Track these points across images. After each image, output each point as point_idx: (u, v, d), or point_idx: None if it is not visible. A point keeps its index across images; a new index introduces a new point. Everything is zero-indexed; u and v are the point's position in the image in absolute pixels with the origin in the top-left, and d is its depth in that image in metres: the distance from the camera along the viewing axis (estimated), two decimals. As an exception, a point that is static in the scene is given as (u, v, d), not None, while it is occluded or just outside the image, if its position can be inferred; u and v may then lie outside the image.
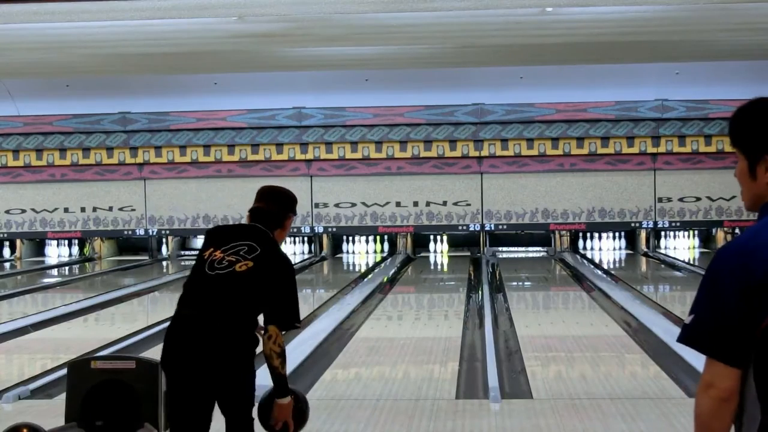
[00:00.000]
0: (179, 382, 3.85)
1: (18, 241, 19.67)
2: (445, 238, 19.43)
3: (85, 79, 17.63)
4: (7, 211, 19.24)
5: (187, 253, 19.85)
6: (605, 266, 16.55)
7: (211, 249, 3.87)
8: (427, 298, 12.64)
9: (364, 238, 19.12)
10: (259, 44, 12.23)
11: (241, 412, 3.82)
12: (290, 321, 3.85)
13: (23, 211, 19.25)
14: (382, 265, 16.51)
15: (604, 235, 19.13)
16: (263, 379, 6.72)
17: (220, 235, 3.95)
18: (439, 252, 19.38)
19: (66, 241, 19.87)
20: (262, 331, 3.79)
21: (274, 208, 3.98)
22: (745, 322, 2.08)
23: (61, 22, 11.26)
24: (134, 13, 11.09)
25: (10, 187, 19.19)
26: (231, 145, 18.57)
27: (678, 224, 18.52)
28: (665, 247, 18.90)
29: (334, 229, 18.56)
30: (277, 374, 3.82)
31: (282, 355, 3.79)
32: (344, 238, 19.27)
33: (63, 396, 4.88)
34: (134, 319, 11.11)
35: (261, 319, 3.88)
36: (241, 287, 3.76)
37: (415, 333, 9.35)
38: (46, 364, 7.84)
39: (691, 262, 17.03)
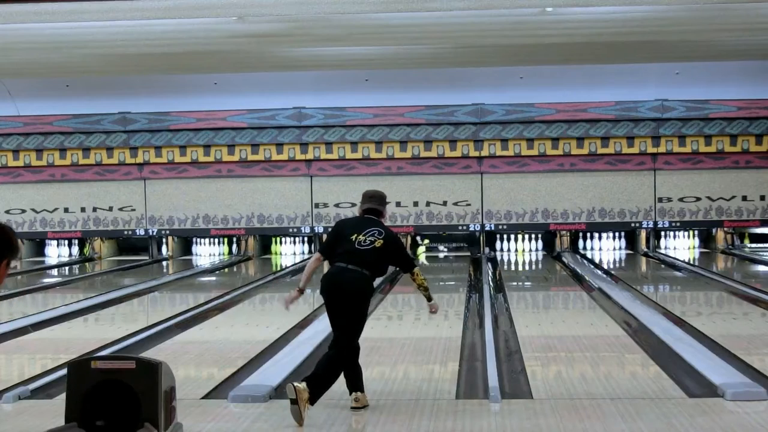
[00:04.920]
0: (334, 298, 5.97)
1: (18, 241, 19.63)
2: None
3: (85, 79, 17.64)
4: (7, 211, 19.24)
5: (187, 257, 19.81)
6: (605, 266, 16.55)
7: (356, 234, 6.08)
8: (427, 298, 12.63)
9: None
10: (259, 44, 12.24)
11: (357, 320, 5.98)
12: (412, 265, 6.29)
13: (23, 211, 19.26)
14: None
15: (604, 235, 19.13)
16: (269, 378, 6.72)
17: (355, 226, 6.16)
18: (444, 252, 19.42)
19: (66, 241, 19.87)
20: (410, 275, 6.28)
21: (378, 206, 6.28)
22: None
23: (61, 22, 11.26)
24: (134, 13, 11.09)
25: (10, 187, 19.20)
26: (231, 145, 18.57)
27: (678, 224, 18.52)
28: (665, 247, 18.90)
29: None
30: (425, 287, 6.25)
31: (425, 280, 6.28)
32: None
33: (63, 396, 4.88)
34: (134, 319, 11.11)
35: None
36: (378, 254, 6.06)
37: (415, 333, 9.35)
38: (46, 364, 7.84)
39: (691, 262, 17.02)
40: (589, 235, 19.12)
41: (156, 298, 13.06)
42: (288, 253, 19.50)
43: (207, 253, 19.76)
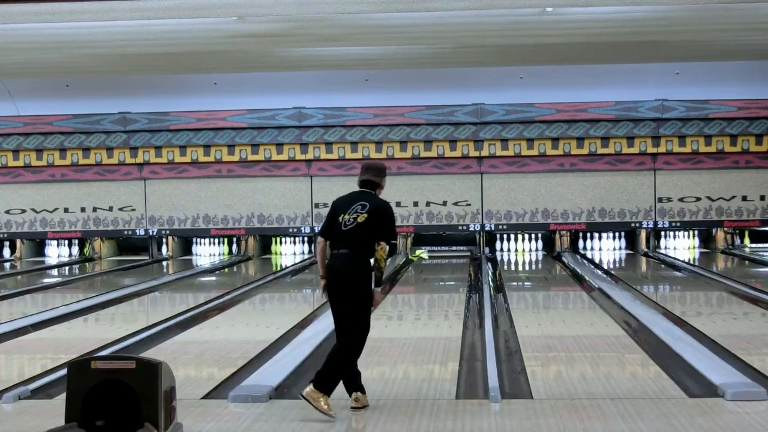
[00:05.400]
0: (331, 289, 5.93)
1: (18, 241, 19.67)
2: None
3: (85, 79, 17.65)
4: (7, 211, 19.25)
5: (187, 257, 19.82)
6: (605, 266, 16.55)
7: (342, 215, 5.97)
8: (427, 298, 12.64)
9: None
10: (259, 44, 12.24)
11: (356, 307, 5.86)
12: (388, 239, 6.00)
13: (23, 211, 19.26)
14: (382, 265, 16.48)
15: (604, 235, 19.13)
16: (269, 378, 6.71)
17: (344, 204, 6.03)
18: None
19: (66, 241, 19.87)
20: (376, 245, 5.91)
21: (373, 177, 6.12)
22: None
23: (61, 22, 11.26)
24: (134, 13, 11.10)
25: (10, 187, 19.20)
26: (231, 145, 18.58)
27: (678, 224, 18.52)
28: (665, 247, 18.90)
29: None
30: (379, 268, 5.94)
31: (386, 259, 5.96)
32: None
33: (63, 396, 4.89)
34: (134, 319, 11.11)
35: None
36: (363, 229, 5.90)
37: (415, 333, 9.36)
38: (46, 364, 7.84)
39: (691, 262, 17.02)
40: (589, 235, 19.12)
41: (156, 298, 13.06)
42: (288, 253, 19.50)
43: (207, 253, 19.77)
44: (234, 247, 19.71)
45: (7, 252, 19.94)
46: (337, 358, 5.83)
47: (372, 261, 5.97)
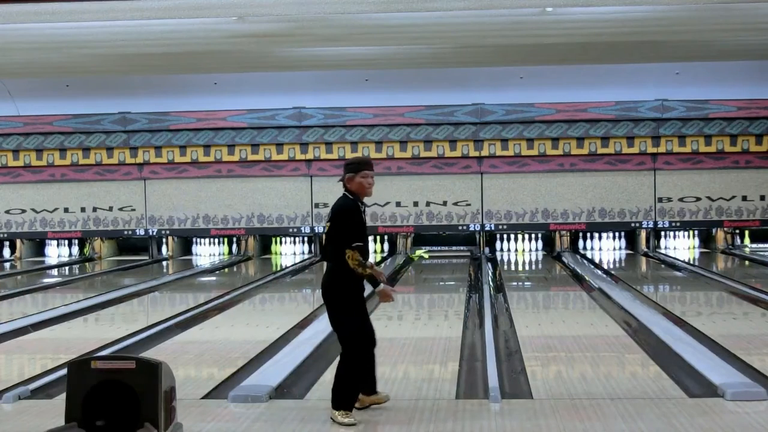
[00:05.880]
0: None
1: (18, 241, 19.68)
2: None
3: (85, 79, 17.65)
4: (7, 211, 19.25)
5: (187, 257, 19.82)
6: (605, 266, 16.54)
7: None
8: (427, 298, 12.64)
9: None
10: (259, 44, 12.24)
11: (333, 319, 5.76)
12: (349, 243, 5.56)
13: (23, 211, 19.26)
14: (382, 265, 16.50)
15: (604, 235, 19.14)
16: (269, 378, 6.71)
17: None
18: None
19: (66, 241, 19.88)
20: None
21: (344, 175, 5.77)
22: None
23: (61, 22, 11.27)
24: (134, 13, 11.10)
25: (10, 187, 19.21)
26: (231, 145, 18.58)
27: (678, 224, 18.53)
28: (665, 247, 18.90)
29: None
30: (362, 276, 5.59)
31: (361, 265, 5.55)
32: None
33: (63, 396, 4.89)
34: (134, 319, 11.10)
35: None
36: (330, 240, 5.67)
37: (415, 333, 9.35)
38: (46, 364, 7.84)
39: (691, 262, 17.02)
40: (589, 235, 19.13)
41: (156, 298, 13.06)
42: (288, 253, 19.50)
43: (207, 253, 19.77)
44: (234, 247, 19.71)
45: (7, 252, 19.94)
46: (339, 372, 5.79)
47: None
